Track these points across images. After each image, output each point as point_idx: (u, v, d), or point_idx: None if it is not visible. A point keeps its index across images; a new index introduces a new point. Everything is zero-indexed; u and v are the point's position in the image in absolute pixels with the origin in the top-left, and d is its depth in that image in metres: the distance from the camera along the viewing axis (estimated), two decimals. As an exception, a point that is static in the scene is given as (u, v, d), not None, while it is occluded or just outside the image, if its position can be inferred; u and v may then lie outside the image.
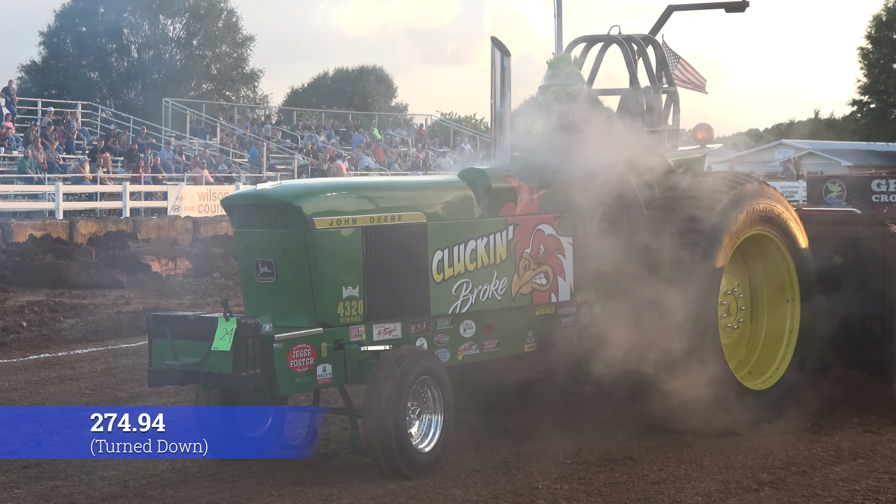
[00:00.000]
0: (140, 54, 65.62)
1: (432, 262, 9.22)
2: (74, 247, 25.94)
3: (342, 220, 8.80)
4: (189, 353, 8.44)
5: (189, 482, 8.66)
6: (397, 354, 8.57)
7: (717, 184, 10.51)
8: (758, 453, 9.40)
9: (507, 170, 9.85)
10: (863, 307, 10.90)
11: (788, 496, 8.15)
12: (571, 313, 10.13)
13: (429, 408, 8.75)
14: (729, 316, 10.63)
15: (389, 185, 10.07)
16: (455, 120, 65.98)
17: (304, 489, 8.32)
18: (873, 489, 8.33)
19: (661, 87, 11.05)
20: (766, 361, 10.75)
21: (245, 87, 70.51)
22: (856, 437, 9.93)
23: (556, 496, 8.13)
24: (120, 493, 8.44)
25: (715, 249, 10.05)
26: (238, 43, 69.06)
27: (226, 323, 8.28)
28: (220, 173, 38.88)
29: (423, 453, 8.62)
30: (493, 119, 9.77)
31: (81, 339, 15.71)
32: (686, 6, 11.76)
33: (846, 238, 11.10)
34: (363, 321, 8.84)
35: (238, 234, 9.11)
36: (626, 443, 9.75)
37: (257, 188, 9.25)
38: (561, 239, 10.03)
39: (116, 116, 45.92)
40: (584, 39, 11.31)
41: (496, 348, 9.67)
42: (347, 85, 75.25)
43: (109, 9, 63.86)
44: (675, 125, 11.19)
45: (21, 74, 63.58)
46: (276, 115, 51.63)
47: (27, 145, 34.76)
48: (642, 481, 8.56)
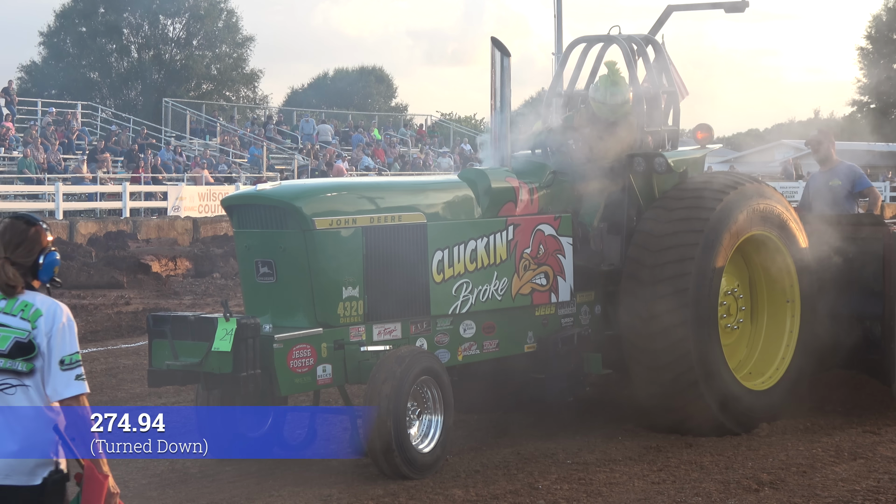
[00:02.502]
0: (140, 54, 65.57)
1: (432, 262, 9.22)
2: (74, 247, 25.94)
3: (342, 221, 8.80)
4: (189, 354, 8.44)
5: (189, 482, 8.66)
6: (397, 354, 8.57)
7: (717, 184, 10.52)
8: (758, 453, 9.40)
9: (507, 170, 9.85)
10: (862, 307, 10.90)
11: (788, 496, 8.15)
12: (571, 313, 10.13)
13: (429, 408, 8.75)
14: (729, 316, 10.63)
15: (389, 186, 10.07)
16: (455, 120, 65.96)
17: (304, 489, 8.31)
18: (873, 489, 8.33)
19: (660, 87, 11.04)
20: (766, 361, 10.75)
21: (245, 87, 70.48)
22: (856, 437, 9.93)
23: (556, 496, 8.13)
24: (120, 492, 8.42)
25: (715, 249, 10.05)
26: (238, 43, 69.00)
27: (226, 323, 8.28)
28: (220, 173, 38.88)
29: (423, 453, 8.61)
30: (493, 119, 9.77)
31: (81, 339, 15.56)
32: (685, 6, 11.76)
33: (848, 238, 11.09)
34: (363, 321, 8.84)
35: (238, 234, 9.11)
36: (626, 443, 9.75)
37: (257, 188, 9.26)
38: (561, 239, 10.03)
39: (116, 116, 45.92)
40: (584, 40, 11.31)
41: (496, 348, 9.67)
42: (347, 85, 75.19)
43: (109, 9, 63.84)
44: (675, 125, 11.19)
45: (21, 74, 63.58)
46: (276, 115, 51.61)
47: (27, 145, 34.76)
48: (643, 481, 8.56)
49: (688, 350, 9.84)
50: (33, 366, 4.85)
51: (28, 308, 4.88)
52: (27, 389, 4.87)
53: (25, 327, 4.85)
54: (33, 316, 4.87)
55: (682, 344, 9.84)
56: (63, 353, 4.86)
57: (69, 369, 4.86)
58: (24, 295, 4.91)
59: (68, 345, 4.88)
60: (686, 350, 9.84)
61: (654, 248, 10.05)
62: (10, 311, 4.88)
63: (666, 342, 9.85)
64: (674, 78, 11.20)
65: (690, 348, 9.84)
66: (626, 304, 10.10)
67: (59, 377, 4.85)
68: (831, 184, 11.90)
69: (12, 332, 4.86)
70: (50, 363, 4.85)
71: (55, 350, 4.86)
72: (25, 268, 4.93)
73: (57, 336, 4.86)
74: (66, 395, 4.85)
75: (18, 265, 4.92)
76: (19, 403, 4.85)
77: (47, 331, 4.86)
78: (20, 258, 4.93)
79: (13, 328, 4.86)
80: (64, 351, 4.87)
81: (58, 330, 4.87)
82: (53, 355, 4.85)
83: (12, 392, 4.85)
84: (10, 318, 4.87)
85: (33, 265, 4.95)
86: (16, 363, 4.85)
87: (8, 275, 4.88)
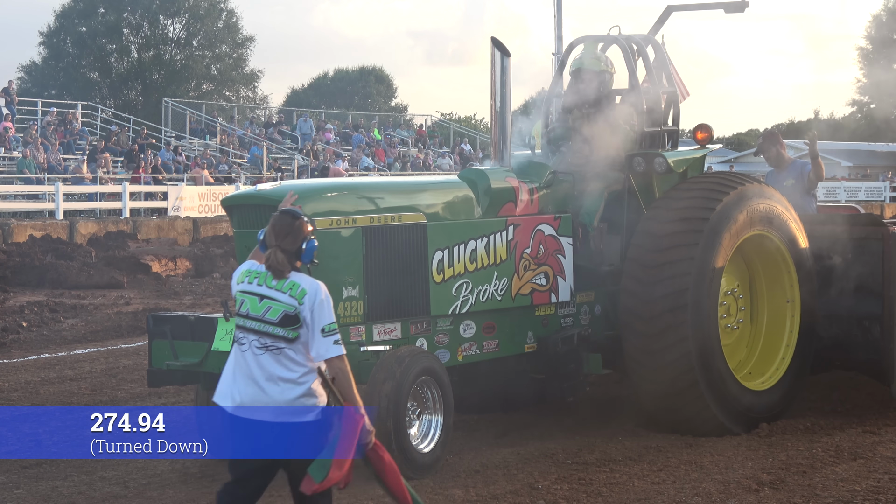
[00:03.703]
0: (140, 54, 65.60)
1: (432, 262, 9.23)
2: (74, 247, 25.92)
3: (342, 221, 8.81)
4: (189, 354, 8.45)
5: (189, 482, 8.66)
6: (397, 354, 8.57)
7: (716, 184, 10.52)
8: (757, 453, 9.40)
9: (507, 170, 9.86)
10: (862, 307, 10.90)
11: (788, 496, 8.15)
12: (571, 313, 10.13)
13: (429, 408, 8.75)
14: (729, 316, 10.63)
15: (389, 186, 10.07)
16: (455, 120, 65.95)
17: (304, 489, 8.29)
18: (873, 489, 8.33)
19: (660, 87, 11.05)
20: (766, 362, 10.75)
21: (245, 87, 70.51)
22: (855, 437, 9.93)
23: (556, 496, 8.13)
24: (120, 493, 8.44)
25: (715, 249, 10.05)
26: (238, 43, 69.03)
27: (226, 323, 8.29)
28: (220, 173, 38.87)
29: (422, 453, 8.61)
30: (493, 119, 9.77)
31: (81, 339, 15.71)
32: (685, 6, 11.75)
33: (846, 238, 11.09)
34: (363, 321, 8.85)
35: (238, 235, 9.11)
36: (626, 443, 9.75)
37: (257, 188, 9.26)
38: (561, 239, 10.04)
39: (116, 116, 45.92)
40: (584, 40, 11.31)
41: (496, 348, 9.67)
42: (347, 85, 75.21)
43: (109, 9, 63.86)
44: (675, 125, 11.20)
45: (21, 74, 63.63)
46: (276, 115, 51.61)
47: (27, 145, 34.75)
48: (642, 481, 8.56)
49: (688, 350, 9.84)
50: (298, 333, 6.05)
51: (295, 287, 6.07)
52: (292, 351, 6.05)
53: (293, 303, 6.04)
54: (299, 294, 6.06)
55: (682, 344, 9.84)
56: (323, 323, 6.05)
57: (329, 336, 6.05)
58: (291, 276, 6.09)
59: (327, 316, 6.06)
60: (686, 350, 9.84)
61: (654, 248, 10.05)
62: (281, 288, 6.07)
63: (666, 342, 9.85)
64: (674, 78, 11.21)
65: (690, 348, 9.84)
66: (627, 304, 10.10)
67: (322, 342, 6.03)
68: (786, 184, 11.98)
69: (282, 306, 6.05)
70: (313, 331, 6.04)
71: (317, 321, 6.03)
72: (291, 253, 6.10)
73: (318, 310, 6.05)
74: (327, 356, 6.06)
75: (286, 251, 6.09)
76: (288, 360, 6.05)
77: (310, 306, 6.04)
78: (288, 245, 6.10)
79: (283, 303, 6.05)
80: (324, 321, 6.05)
81: (318, 305, 6.06)
82: (315, 325, 6.03)
83: (278, 353, 6.05)
84: (281, 295, 6.06)
85: (297, 251, 6.11)
86: (284, 331, 6.04)
87: (279, 260, 6.07)
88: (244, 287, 6.18)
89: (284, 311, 6.05)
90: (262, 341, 6.07)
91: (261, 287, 6.13)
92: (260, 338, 6.07)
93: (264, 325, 6.07)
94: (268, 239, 6.17)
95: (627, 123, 10.69)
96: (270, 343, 6.05)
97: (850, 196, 53.22)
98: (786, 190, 11.84)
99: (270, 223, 6.18)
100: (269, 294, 6.09)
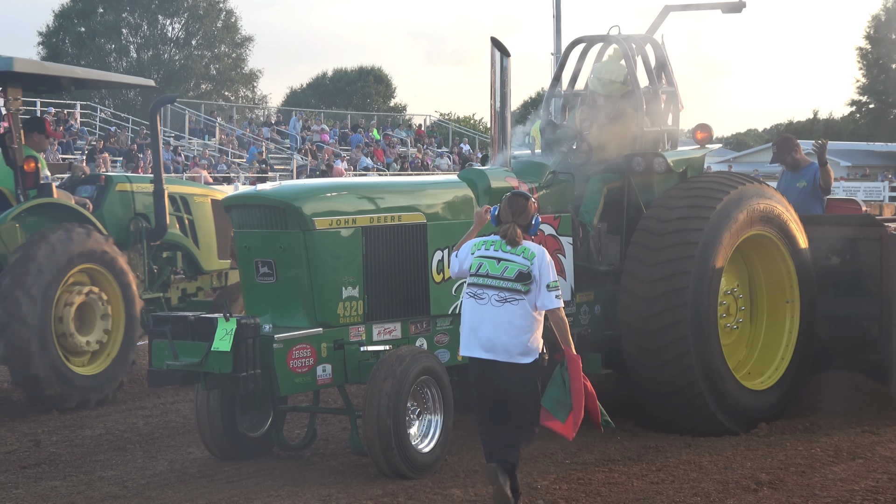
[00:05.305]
0: (139, 54, 65.61)
1: (432, 262, 9.23)
2: (74, 247, 25.86)
3: (342, 221, 8.81)
4: (189, 354, 8.44)
5: (188, 482, 8.66)
6: (397, 354, 8.57)
7: (716, 184, 10.52)
8: (756, 453, 9.40)
9: (506, 170, 9.86)
10: (860, 308, 10.90)
11: (787, 496, 8.14)
12: (571, 313, 10.13)
13: (429, 408, 8.75)
14: (729, 316, 10.64)
15: (389, 186, 10.07)
16: (454, 120, 65.91)
17: (303, 489, 8.31)
18: (872, 489, 8.33)
19: (660, 87, 11.05)
20: (766, 361, 10.76)
21: (244, 87, 70.51)
22: (854, 437, 9.93)
23: (556, 496, 8.13)
24: (119, 493, 8.43)
25: (715, 249, 10.06)
26: (237, 43, 69.05)
27: (226, 323, 8.28)
28: (219, 173, 38.85)
29: (422, 453, 8.61)
30: (492, 119, 9.77)
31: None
32: (683, 6, 11.75)
33: (844, 239, 11.10)
34: (363, 321, 8.85)
35: (238, 235, 9.11)
36: (625, 442, 9.75)
37: (257, 188, 9.25)
38: (561, 239, 10.04)
39: (115, 116, 45.90)
40: (584, 40, 11.31)
41: (496, 348, 9.66)
42: (346, 85, 75.15)
43: (108, 9, 63.87)
44: (675, 125, 11.20)
45: (20, 74, 63.48)
46: (275, 115, 51.60)
47: (26, 145, 34.70)
48: (642, 481, 8.56)
49: (687, 349, 9.85)
50: (529, 288, 7.53)
51: (527, 251, 7.61)
52: (524, 303, 7.53)
53: (526, 264, 7.56)
54: (530, 256, 7.59)
55: (681, 343, 9.84)
56: (548, 280, 7.55)
57: (552, 290, 7.54)
58: (522, 243, 7.64)
59: (550, 274, 7.57)
60: (685, 349, 9.85)
61: (654, 248, 10.06)
62: (515, 252, 7.61)
63: (665, 341, 9.86)
64: (673, 80, 11.20)
65: (690, 348, 9.85)
66: (626, 303, 10.11)
67: (546, 295, 7.54)
68: (798, 185, 12.00)
69: (517, 265, 7.56)
70: (540, 286, 7.54)
71: (543, 278, 7.54)
72: (523, 227, 7.68)
73: (544, 270, 7.57)
74: (550, 306, 7.56)
75: (521, 225, 7.68)
76: (522, 310, 7.53)
77: (539, 266, 7.56)
78: (521, 221, 7.70)
79: (518, 263, 7.57)
80: (548, 278, 7.55)
81: (545, 266, 7.57)
82: (542, 281, 7.54)
83: (516, 303, 7.52)
84: (516, 257, 7.59)
85: (527, 225, 7.72)
86: (520, 285, 7.53)
87: (516, 233, 7.64)
88: (482, 253, 7.69)
89: (519, 270, 7.53)
90: (501, 295, 7.53)
91: (497, 252, 7.65)
92: (500, 292, 7.54)
93: (503, 281, 7.54)
94: (503, 216, 7.71)
95: (627, 124, 10.70)
96: (509, 296, 7.53)
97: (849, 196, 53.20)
98: (797, 191, 11.85)
99: (507, 203, 7.73)
100: (506, 257, 7.61)
